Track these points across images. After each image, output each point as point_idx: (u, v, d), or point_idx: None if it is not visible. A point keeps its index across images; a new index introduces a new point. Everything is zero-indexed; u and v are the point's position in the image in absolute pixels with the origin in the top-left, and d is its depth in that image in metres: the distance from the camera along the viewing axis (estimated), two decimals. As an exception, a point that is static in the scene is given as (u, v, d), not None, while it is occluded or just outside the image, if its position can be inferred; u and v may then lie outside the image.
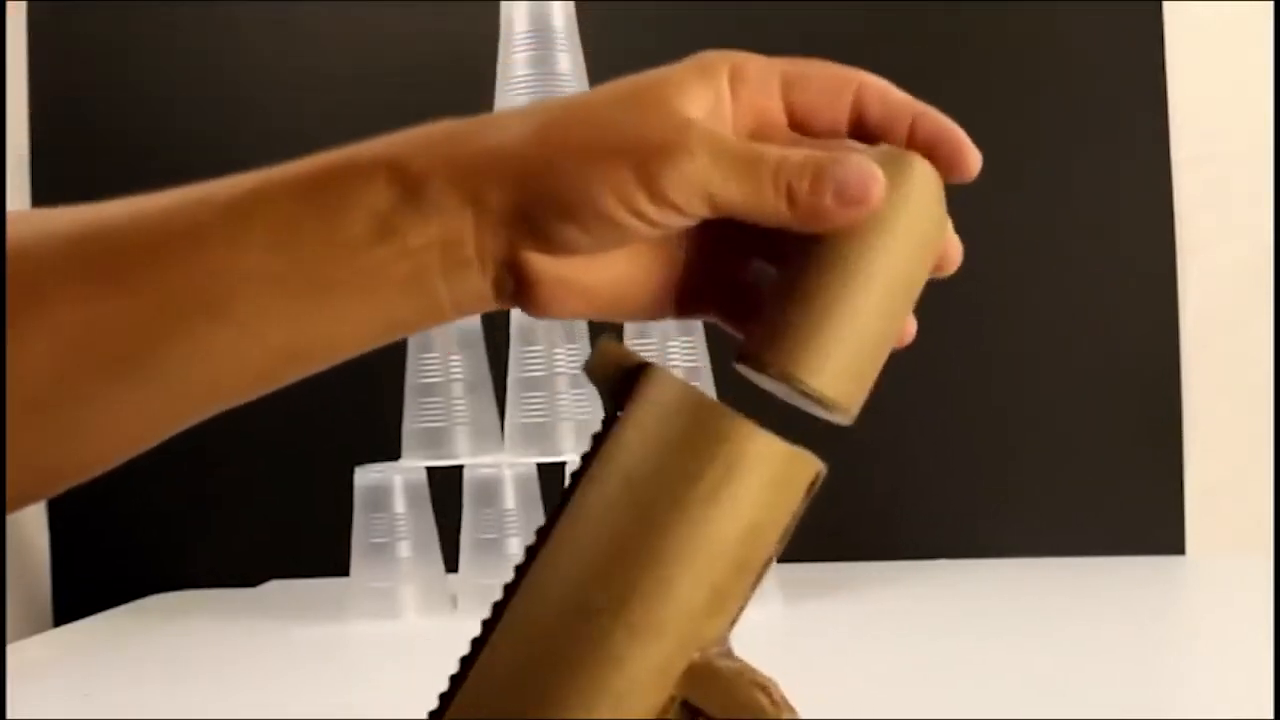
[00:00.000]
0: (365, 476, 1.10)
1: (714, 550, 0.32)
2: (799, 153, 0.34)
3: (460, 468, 1.11)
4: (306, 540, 1.26)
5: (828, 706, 0.72)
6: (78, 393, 0.31)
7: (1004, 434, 1.29)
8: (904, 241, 0.35)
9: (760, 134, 0.36)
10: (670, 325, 1.09)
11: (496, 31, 1.12)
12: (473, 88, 1.14)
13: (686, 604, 0.31)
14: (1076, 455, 1.28)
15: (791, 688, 0.33)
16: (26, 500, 0.31)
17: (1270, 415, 1.24)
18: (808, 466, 0.35)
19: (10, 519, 1.33)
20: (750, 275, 0.40)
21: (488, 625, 0.33)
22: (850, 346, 0.35)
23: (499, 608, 0.33)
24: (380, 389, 1.14)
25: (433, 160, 0.33)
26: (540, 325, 1.12)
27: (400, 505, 1.10)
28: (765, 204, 0.34)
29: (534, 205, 0.33)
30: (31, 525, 1.37)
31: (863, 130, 0.37)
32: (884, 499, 1.29)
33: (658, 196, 0.33)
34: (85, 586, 1.36)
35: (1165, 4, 1.27)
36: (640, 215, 0.33)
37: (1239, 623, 0.93)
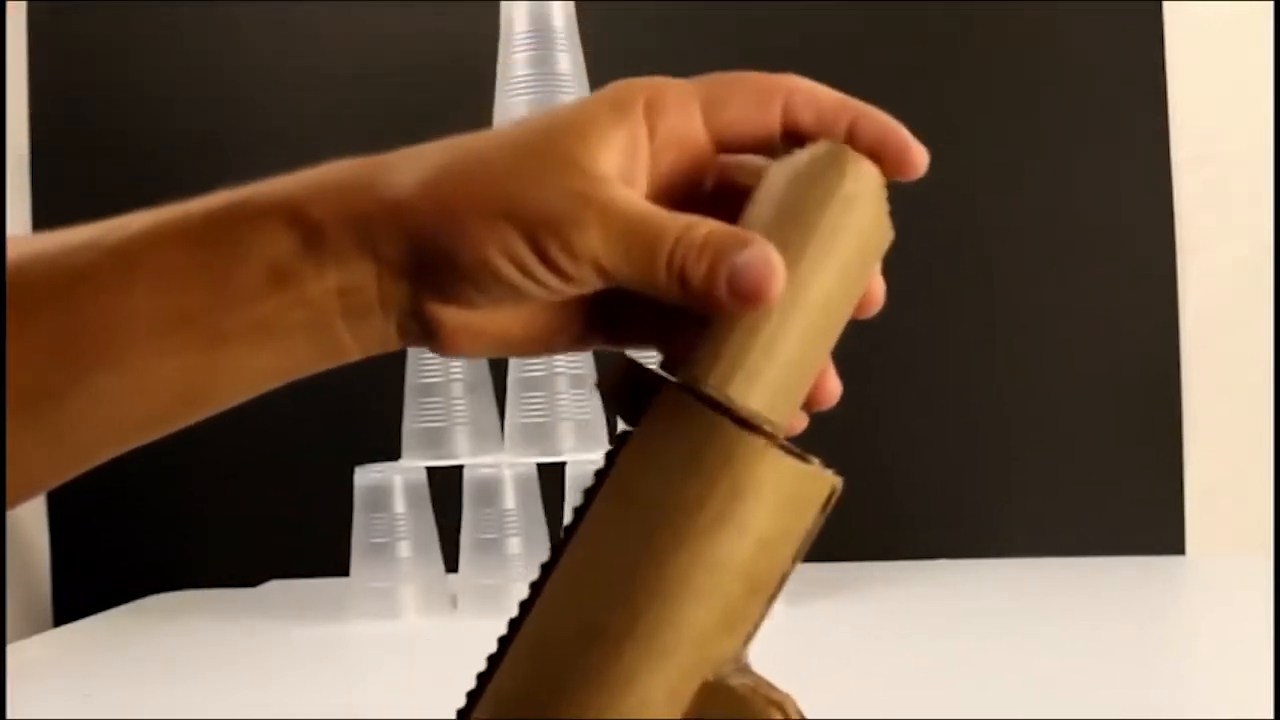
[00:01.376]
0: (365, 476, 1.10)
1: (724, 573, 0.31)
2: (703, 228, 0.32)
3: (460, 468, 1.11)
4: (306, 540, 1.26)
5: (829, 707, 0.72)
6: None
7: (1004, 434, 1.29)
8: (843, 250, 0.34)
9: (682, 164, 0.35)
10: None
11: (496, 31, 1.12)
12: (473, 88, 1.14)
13: (697, 626, 0.31)
14: (1076, 455, 1.28)
15: (793, 688, 0.33)
16: None
17: (1270, 415, 1.24)
18: (822, 484, 0.33)
19: (10, 519, 1.33)
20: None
21: (503, 641, 0.33)
22: (782, 363, 0.33)
23: (515, 624, 0.33)
24: (380, 389, 1.14)
25: (330, 208, 0.33)
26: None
27: (400, 505, 1.10)
28: (658, 283, 0.32)
29: (429, 261, 0.32)
30: (31, 525, 1.37)
31: (798, 137, 0.36)
32: (884, 499, 1.29)
33: (549, 265, 0.32)
34: (85, 586, 1.36)
35: (1165, 4, 1.27)
36: (534, 279, 0.32)
37: (1239, 623, 0.93)
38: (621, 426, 0.35)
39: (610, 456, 0.34)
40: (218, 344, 0.32)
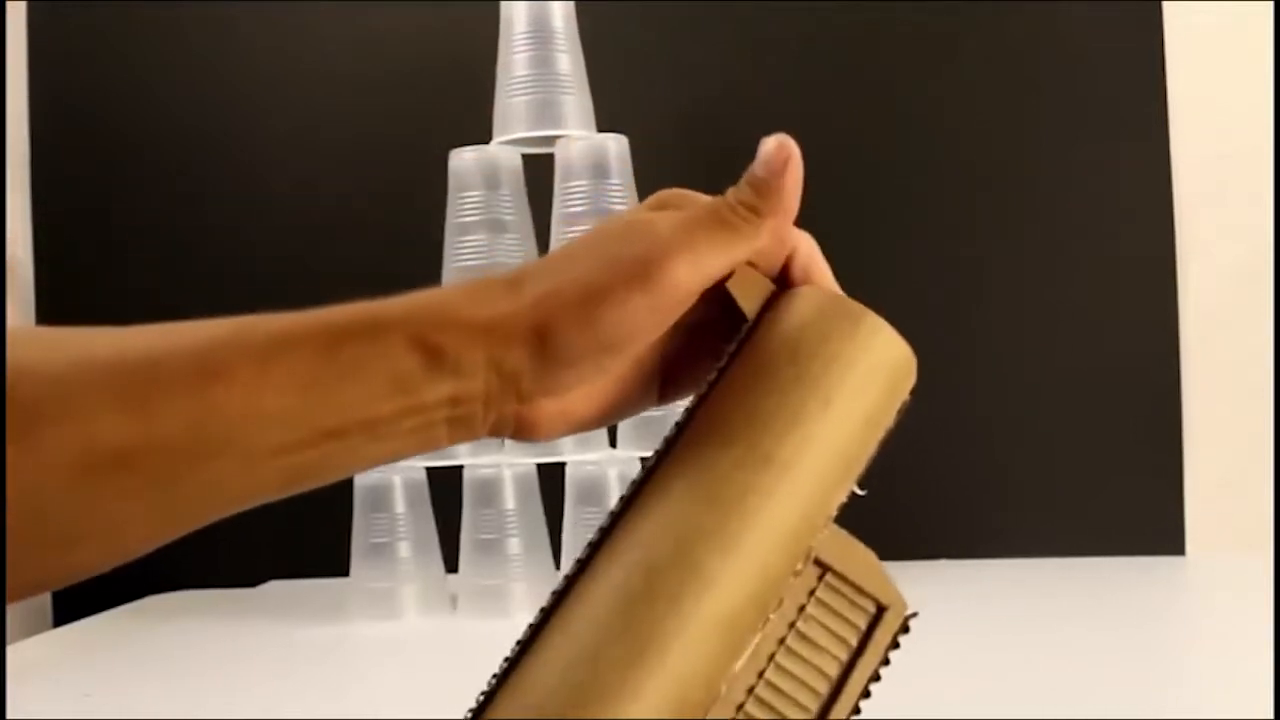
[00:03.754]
0: (365, 477, 1.10)
1: (854, 425, 0.36)
2: (728, 191, 0.39)
3: (460, 468, 1.11)
4: (307, 540, 1.26)
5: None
6: (92, 509, 0.32)
7: (1004, 434, 1.29)
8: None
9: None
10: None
11: (496, 31, 1.12)
12: (473, 88, 1.14)
13: (832, 464, 0.35)
14: (1077, 455, 1.28)
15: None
16: (15, 597, 0.32)
17: (1270, 415, 1.24)
18: (913, 379, 0.39)
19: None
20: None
21: (657, 455, 0.36)
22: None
23: (660, 455, 0.36)
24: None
25: (451, 326, 0.35)
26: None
27: (400, 505, 1.10)
28: (741, 233, 0.38)
29: (546, 361, 0.36)
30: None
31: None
32: (884, 500, 1.29)
33: (657, 300, 0.36)
34: (85, 586, 1.35)
35: (1165, 4, 1.27)
36: (643, 328, 0.36)
37: (1239, 623, 0.93)
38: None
39: (740, 343, 0.38)
40: (331, 440, 0.34)
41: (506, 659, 0.33)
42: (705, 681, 0.32)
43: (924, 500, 1.30)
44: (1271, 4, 1.24)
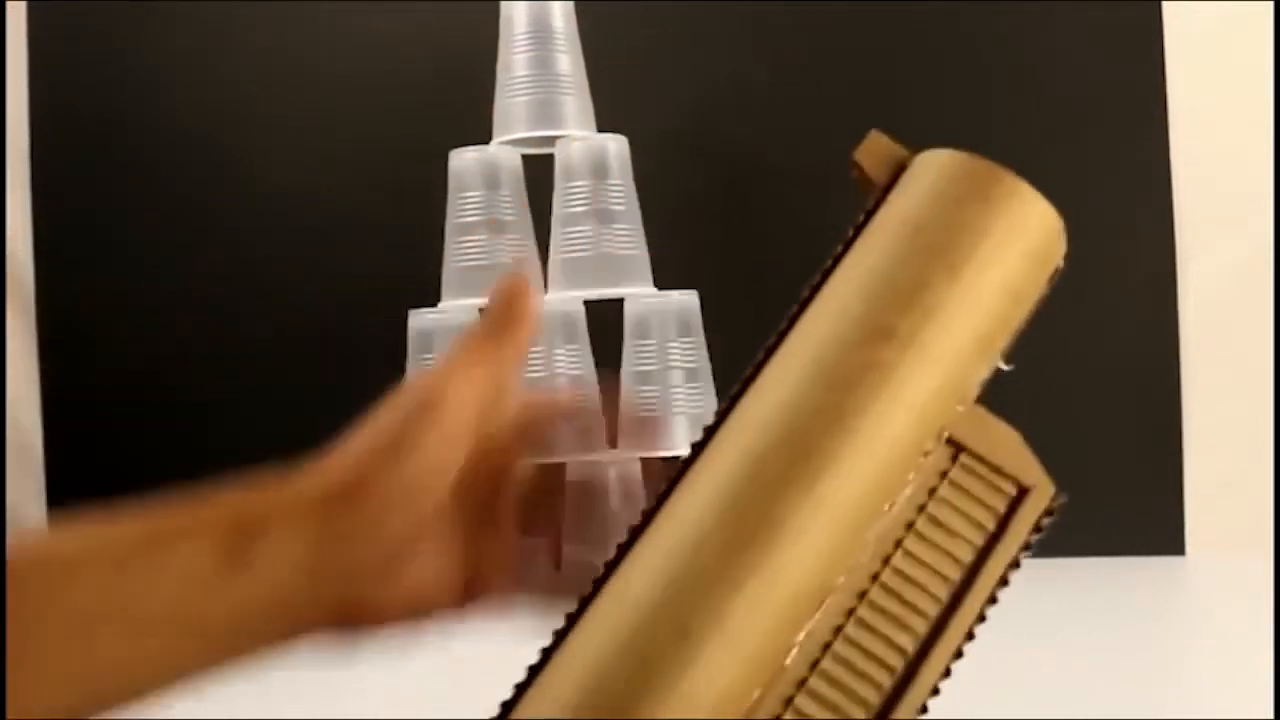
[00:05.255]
0: (365, 476, 1.10)
1: (988, 296, 0.33)
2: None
3: (460, 468, 1.11)
4: (306, 540, 1.25)
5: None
6: None
7: (1004, 434, 1.29)
8: None
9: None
10: (670, 325, 1.09)
11: (496, 31, 1.12)
12: (473, 88, 1.14)
13: (962, 338, 0.33)
14: (1076, 455, 1.28)
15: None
16: None
17: (1270, 415, 1.24)
18: (1063, 245, 0.37)
19: (10, 519, 1.33)
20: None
21: (778, 335, 0.34)
22: None
23: (781, 334, 0.34)
24: (380, 389, 1.14)
25: (257, 517, 0.36)
26: (540, 326, 1.11)
27: (400, 505, 1.10)
28: (495, 340, 0.41)
29: (362, 524, 0.36)
30: (31, 526, 1.37)
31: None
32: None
33: (444, 426, 0.38)
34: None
35: (1165, 5, 1.27)
36: (441, 459, 0.38)
37: (1239, 623, 0.93)
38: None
39: (867, 214, 0.35)
40: (144, 636, 0.34)
41: (620, 544, 0.31)
42: (818, 570, 0.29)
43: (924, 500, 1.30)
44: (1271, 4, 1.24)
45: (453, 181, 1.11)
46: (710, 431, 0.33)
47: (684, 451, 0.33)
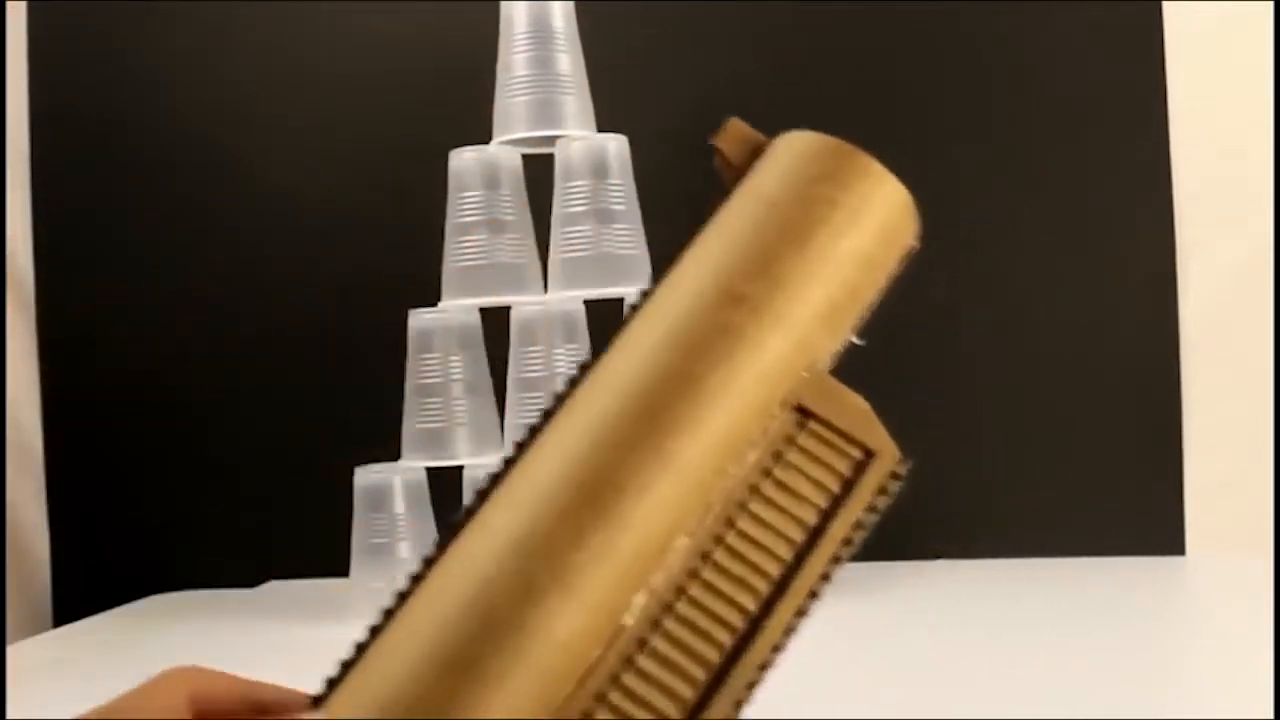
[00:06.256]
0: (365, 477, 1.10)
1: (837, 267, 0.34)
2: None
3: (460, 468, 1.11)
4: (307, 540, 1.26)
5: (829, 706, 0.72)
6: None
7: (1004, 434, 1.29)
8: None
9: None
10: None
11: (496, 31, 1.12)
12: (473, 88, 1.14)
13: (811, 306, 0.33)
14: (1076, 455, 1.28)
15: (792, 688, 0.33)
16: None
17: (1270, 415, 1.24)
18: (914, 223, 0.37)
19: (10, 519, 1.33)
20: None
21: (639, 300, 0.35)
22: None
23: (641, 300, 0.35)
24: (380, 389, 1.14)
25: None
26: (540, 326, 1.12)
27: (400, 505, 1.10)
28: None
29: None
30: (31, 526, 1.37)
31: None
32: (884, 499, 1.29)
33: None
34: (85, 586, 1.36)
35: (1165, 4, 1.27)
36: None
37: (1239, 623, 0.93)
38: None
39: (726, 194, 0.37)
40: None
41: (468, 506, 0.33)
42: (662, 527, 0.30)
43: (924, 500, 1.29)
44: (1271, 4, 1.24)
45: (453, 181, 1.12)
46: (564, 395, 0.34)
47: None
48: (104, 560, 1.37)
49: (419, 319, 1.11)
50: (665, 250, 1.32)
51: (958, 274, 1.29)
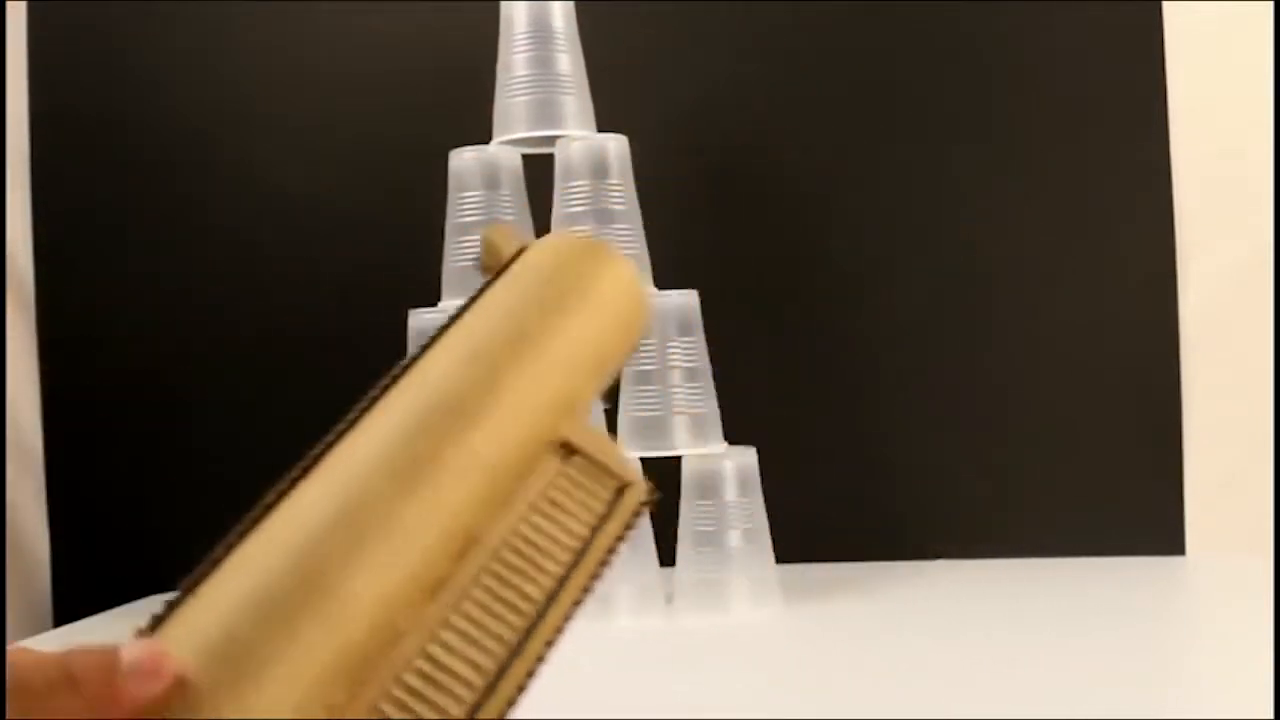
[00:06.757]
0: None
1: (576, 350, 0.40)
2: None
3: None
4: (306, 540, 1.25)
5: (828, 706, 0.72)
6: None
7: (1004, 434, 1.29)
8: None
9: None
10: (670, 325, 1.09)
11: (496, 31, 1.12)
12: (473, 88, 1.14)
13: (571, 362, 0.40)
14: (1076, 455, 1.28)
15: (792, 687, 0.33)
16: None
17: (1270, 415, 1.24)
18: (642, 303, 0.43)
19: (10, 519, 1.33)
20: None
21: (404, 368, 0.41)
22: None
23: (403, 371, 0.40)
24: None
25: None
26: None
27: (400, 505, 1.10)
28: None
29: None
30: (32, 526, 1.37)
31: None
32: (885, 500, 1.29)
33: None
34: (85, 586, 1.36)
35: (1165, 4, 1.27)
36: None
37: (1239, 623, 0.93)
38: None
39: (482, 289, 0.43)
40: None
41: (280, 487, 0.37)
42: (459, 527, 0.34)
43: (924, 500, 1.30)
44: (1271, 4, 1.24)
45: (453, 181, 1.12)
46: (375, 397, 0.40)
47: (684, 451, 0.36)
48: (104, 560, 1.37)
49: (419, 319, 1.11)
50: (665, 250, 1.32)
51: (956, 275, 1.29)
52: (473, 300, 0.43)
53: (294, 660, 0.30)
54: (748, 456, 1.06)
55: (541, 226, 1.13)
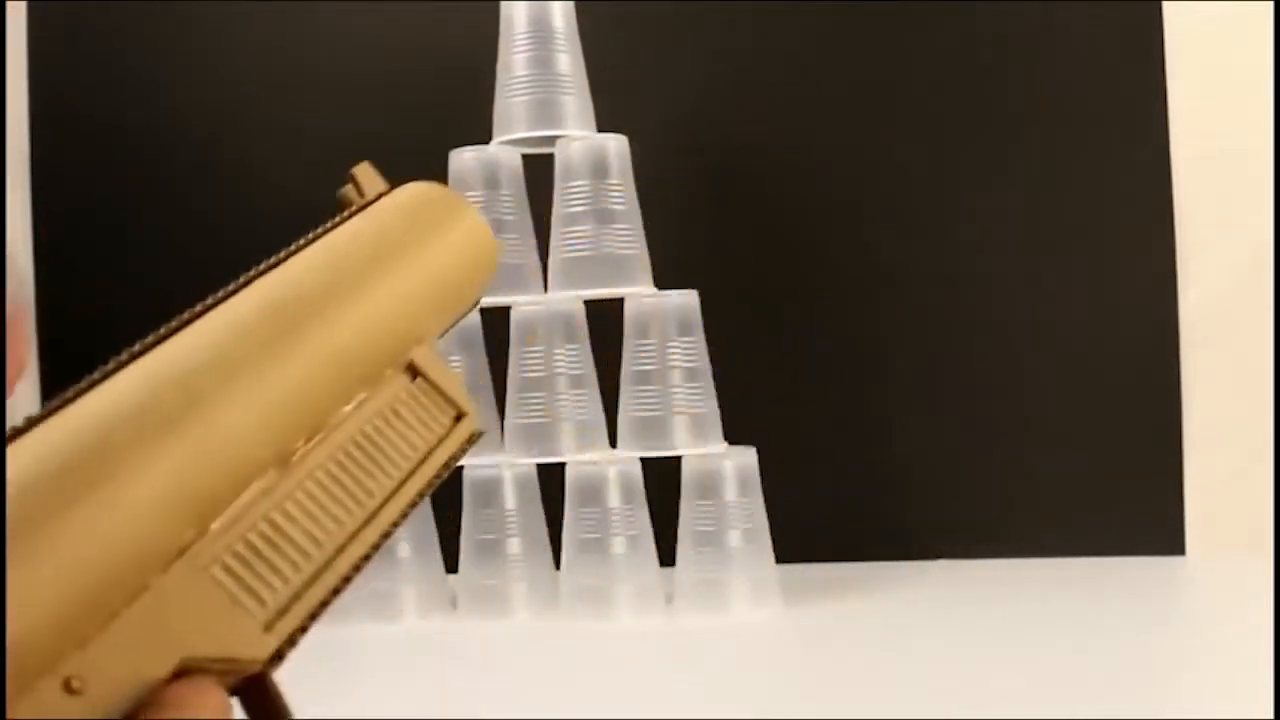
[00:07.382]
0: (365, 477, 1.10)
1: (429, 280, 0.41)
2: None
3: (461, 468, 1.11)
4: (306, 540, 1.25)
5: (828, 706, 0.72)
6: None
7: (1005, 435, 1.29)
8: None
9: None
10: (670, 325, 1.09)
11: (496, 31, 1.12)
12: (473, 88, 1.14)
13: (421, 294, 0.41)
14: (1076, 455, 1.28)
15: (791, 687, 0.33)
16: None
17: (1270, 415, 1.24)
18: (492, 257, 0.45)
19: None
20: None
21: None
22: None
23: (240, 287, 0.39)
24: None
25: None
26: (540, 326, 1.12)
27: (400, 505, 1.10)
28: None
29: None
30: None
31: None
32: (886, 501, 1.29)
33: None
34: (85, 587, 1.36)
35: (1165, 4, 1.27)
36: None
37: (1239, 623, 0.94)
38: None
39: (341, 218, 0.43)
40: None
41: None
42: (311, 404, 0.35)
43: (924, 500, 1.30)
44: (1271, 4, 1.24)
45: (453, 181, 1.12)
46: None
47: (684, 451, 0.35)
48: (104, 560, 1.37)
49: (419, 319, 1.11)
50: (665, 250, 1.31)
51: (957, 275, 1.29)
52: (336, 224, 0.44)
53: (160, 472, 0.30)
54: (748, 456, 1.06)
55: (542, 226, 1.13)
